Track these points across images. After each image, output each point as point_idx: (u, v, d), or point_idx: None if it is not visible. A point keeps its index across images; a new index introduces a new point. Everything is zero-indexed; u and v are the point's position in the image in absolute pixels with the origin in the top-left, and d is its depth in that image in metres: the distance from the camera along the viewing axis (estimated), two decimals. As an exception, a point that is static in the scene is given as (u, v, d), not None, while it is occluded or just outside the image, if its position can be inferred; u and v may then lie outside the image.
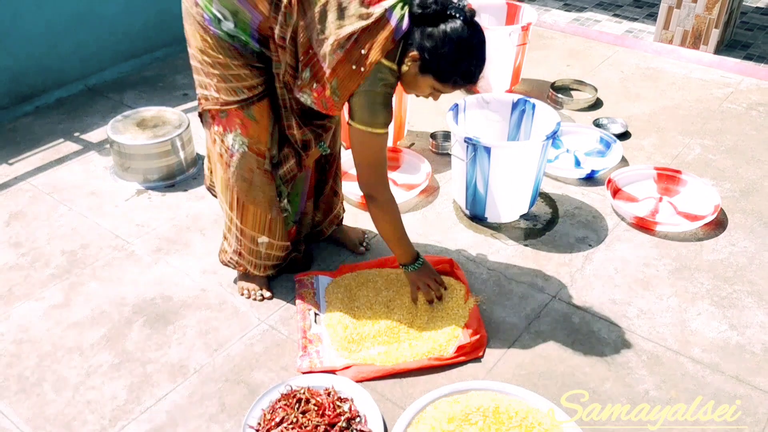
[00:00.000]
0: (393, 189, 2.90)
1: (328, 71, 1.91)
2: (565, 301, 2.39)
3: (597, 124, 3.43)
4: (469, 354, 2.14)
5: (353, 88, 1.92)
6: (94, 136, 3.35)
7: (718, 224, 2.75)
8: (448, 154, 2.99)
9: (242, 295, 2.39)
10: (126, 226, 2.75)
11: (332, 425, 1.88)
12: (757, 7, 4.86)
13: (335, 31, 1.87)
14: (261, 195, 2.20)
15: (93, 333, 2.25)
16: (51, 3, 3.49)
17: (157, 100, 3.63)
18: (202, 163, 2.99)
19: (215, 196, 2.38)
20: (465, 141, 2.53)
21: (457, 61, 1.90)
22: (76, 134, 3.36)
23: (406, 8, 1.88)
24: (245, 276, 2.40)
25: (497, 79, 3.61)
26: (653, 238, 2.68)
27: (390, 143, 3.16)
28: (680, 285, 2.46)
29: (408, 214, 2.80)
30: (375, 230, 2.70)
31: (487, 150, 2.51)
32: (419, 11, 1.88)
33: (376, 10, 1.87)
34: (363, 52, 1.86)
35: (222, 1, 1.93)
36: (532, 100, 2.75)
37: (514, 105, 2.79)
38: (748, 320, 2.31)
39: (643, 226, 2.73)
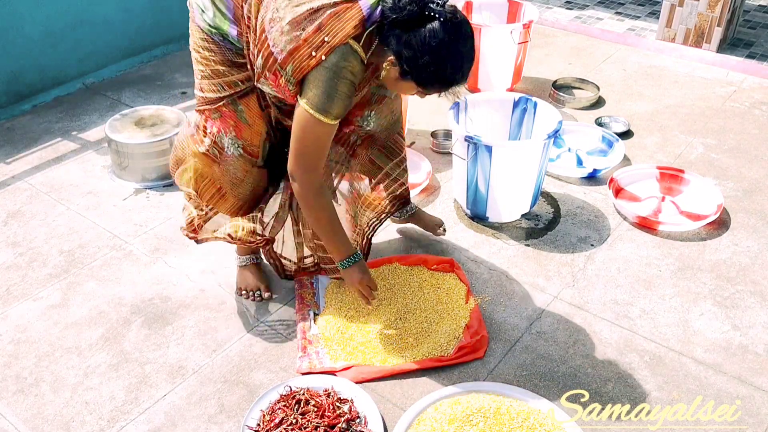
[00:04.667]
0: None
1: (280, 57, 1.76)
2: (566, 301, 2.37)
3: (599, 122, 3.41)
4: (470, 354, 2.13)
5: (306, 71, 1.75)
6: (92, 134, 3.33)
7: (721, 224, 2.74)
8: (449, 153, 2.97)
9: (241, 295, 2.37)
10: (124, 225, 2.73)
11: (332, 426, 1.87)
12: (759, 5, 4.84)
13: (292, 9, 1.72)
14: (248, 190, 2.14)
15: (91, 333, 2.24)
16: (49, 1, 3.48)
17: (155, 99, 3.62)
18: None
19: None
20: (466, 140, 2.52)
21: (439, 68, 1.74)
22: (74, 133, 3.34)
23: (380, 4, 1.74)
24: (243, 278, 2.38)
25: (498, 77, 3.60)
26: (656, 238, 2.66)
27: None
28: (683, 285, 2.44)
29: (408, 214, 2.79)
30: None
31: (489, 149, 2.49)
32: (393, 16, 1.71)
33: None
34: (326, 39, 1.70)
35: None
36: (534, 99, 2.73)
37: (516, 103, 2.77)
38: (751, 320, 2.30)
39: (646, 225, 2.71)
